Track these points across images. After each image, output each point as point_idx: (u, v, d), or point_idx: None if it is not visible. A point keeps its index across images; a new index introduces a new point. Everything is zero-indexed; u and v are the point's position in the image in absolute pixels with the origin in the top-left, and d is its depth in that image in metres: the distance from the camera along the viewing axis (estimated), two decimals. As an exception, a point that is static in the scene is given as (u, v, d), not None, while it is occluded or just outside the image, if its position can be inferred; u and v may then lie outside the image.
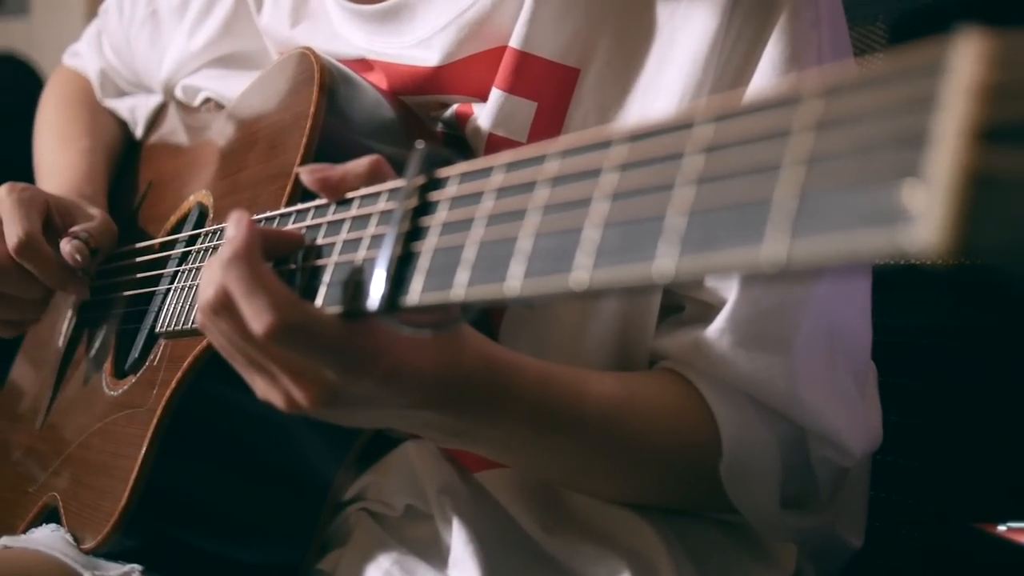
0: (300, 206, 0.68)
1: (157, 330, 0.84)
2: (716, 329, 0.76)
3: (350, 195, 0.63)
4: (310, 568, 0.85)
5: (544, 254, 0.44)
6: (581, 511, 0.83)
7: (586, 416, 0.75)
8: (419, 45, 0.88)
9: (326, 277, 0.61)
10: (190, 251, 0.86)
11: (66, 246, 0.96)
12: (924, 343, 1.01)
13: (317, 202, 0.66)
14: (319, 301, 0.60)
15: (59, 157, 1.15)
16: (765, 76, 0.77)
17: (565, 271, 0.43)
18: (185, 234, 0.90)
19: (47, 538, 0.87)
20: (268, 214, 0.72)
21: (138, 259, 0.98)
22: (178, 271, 0.86)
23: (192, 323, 0.77)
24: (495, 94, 0.84)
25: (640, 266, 0.39)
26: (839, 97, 0.34)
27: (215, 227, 0.83)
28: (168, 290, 0.86)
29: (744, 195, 0.36)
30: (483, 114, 0.84)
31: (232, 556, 0.84)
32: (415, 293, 0.52)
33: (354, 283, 0.57)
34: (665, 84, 0.79)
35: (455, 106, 0.88)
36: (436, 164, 0.55)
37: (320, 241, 0.63)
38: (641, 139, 0.42)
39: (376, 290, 0.54)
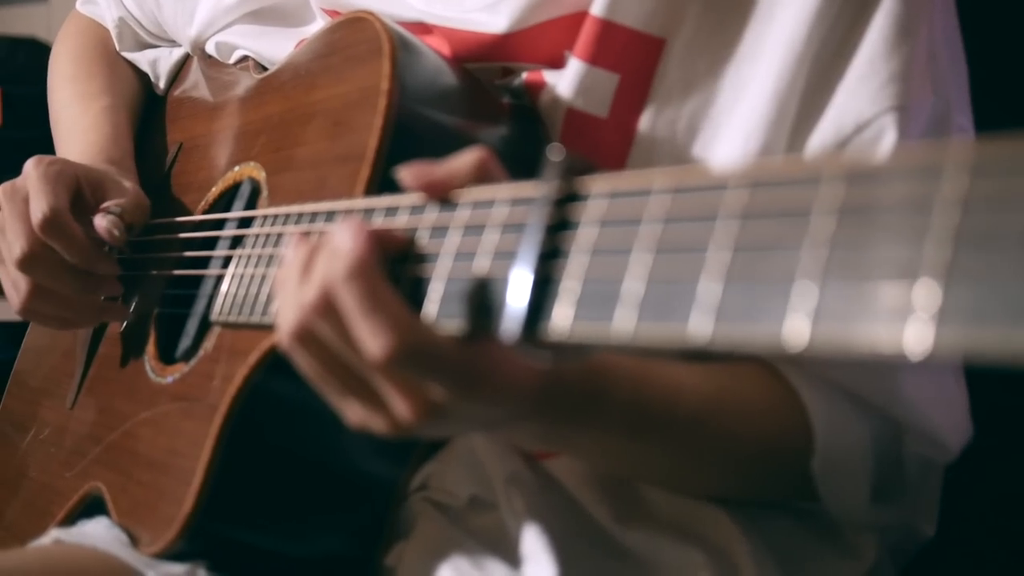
0: (388, 200, 0.63)
1: (212, 318, 0.79)
2: None
3: (459, 199, 0.57)
4: (377, 563, 0.82)
5: (738, 300, 0.40)
6: (655, 501, 0.80)
7: (679, 417, 0.71)
8: (485, 9, 0.82)
9: (437, 288, 0.56)
10: (246, 234, 0.80)
11: (102, 221, 0.91)
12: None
13: (411, 198, 0.61)
14: (431, 315, 0.55)
15: (80, 117, 1.08)
16: (875, 48, 0.71)
17: (773, 321, 0.38)
18: (237, 213, 0.84)
19: (102, 534, 0.82)
20: (350, 206, 0.66)
21: (179, 234, 0.92)
22: (233, 255, 0.81)
23: (259, 316, 0.72)
24: (575, 65, 0.78)
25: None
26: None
27: (276, 211, 0.77)
28: (222, 275, 0.81)
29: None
30: (561, 85, 0.79)
31: (298, 554, 0.80)
32: (563, 324, 0.47)
33: (479, 301, 0.52)
34: (763, 57, 0.74)
35: (524, 75, 0.82)
36: (576, 174, 0.50)
37: (424, 246, 0.58)
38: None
39: (513, 314, 0.49)
